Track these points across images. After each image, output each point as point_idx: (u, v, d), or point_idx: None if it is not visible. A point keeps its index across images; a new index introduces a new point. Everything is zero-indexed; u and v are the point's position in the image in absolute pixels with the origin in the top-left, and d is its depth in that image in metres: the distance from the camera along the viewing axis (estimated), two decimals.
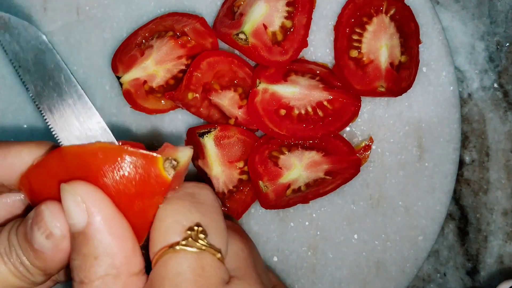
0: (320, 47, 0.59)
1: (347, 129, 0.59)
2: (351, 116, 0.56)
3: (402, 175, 0.59)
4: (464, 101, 0.63)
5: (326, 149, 0.57)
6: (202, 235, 0.35)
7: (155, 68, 0.57)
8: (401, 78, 0.57)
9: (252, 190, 0.57)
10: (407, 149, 0.59)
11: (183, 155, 0.36)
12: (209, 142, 0.56)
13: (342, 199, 0.59)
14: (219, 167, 0.56)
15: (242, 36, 0.55)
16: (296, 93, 0.56)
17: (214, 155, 0.56)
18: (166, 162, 0.35)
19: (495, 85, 0.63)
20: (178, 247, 0.34)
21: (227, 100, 0.56)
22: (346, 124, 0.56)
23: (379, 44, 0.56)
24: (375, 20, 0.57)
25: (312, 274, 0.59)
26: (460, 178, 0.63)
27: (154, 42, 0.57)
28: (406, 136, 0.59)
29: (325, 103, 0.56)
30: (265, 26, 0.56)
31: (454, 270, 0.64)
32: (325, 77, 0.57)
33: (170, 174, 0.35)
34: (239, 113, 0.57)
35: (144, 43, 0.58)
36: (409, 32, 0.57)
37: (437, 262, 0.64)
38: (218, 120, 0.58)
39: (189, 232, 0.35)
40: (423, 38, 0.58)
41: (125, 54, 0.57)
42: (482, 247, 0.63)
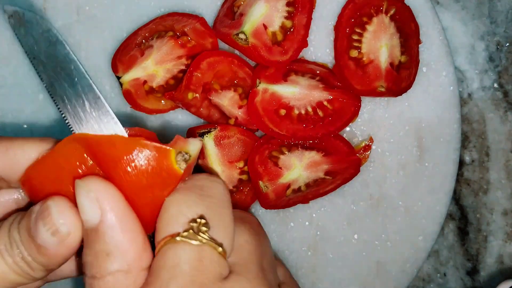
0: (320, 47, 0.59)
1: (347, 129, 0.59)
2: (351, 116, 0.56)
3: (402, 175, 0.59)
4: (464, 101, 0.63)
5: (326, 149, 0.57)
6: (204, 228, 0.34)
7: (155, 68, 0.57)
8: (401, 78, 0.57)
9: (252, 190, 0.57)
10: (407, 149, 0.59)
11: (194, 148, 0.36)
12: (209, 142, 0.56)
13: (342, 199, 0.59)
14: (219, 167, 0.56)
15: (242, 36, 0.55)
16: (296, 93, 0.56)
17: (214, 155, 0.56)
18: (178, 155, 0.35)
19: (495, 85, 0.63)
20: (178, 238, 0.34)
21: (227, 100, 0.56)
22: (346, 124, 0.56)
23: (379, 44, 0.56)
24: (375, 20, 0.57)
25: (312, 274, 0.59)
26: (460, 178, 0.63)
27: (154, 42, 0.57)
28: (406, 136, 0.59)
29: (325, 103, 0.56)
30: (265, 26, 0.56)
31: (454, 270, 0.64)
32: (325, 77, 0.57)
33: (182, 167, 0.35)
34: (239, 113, 0.57)
35: (144, 43, 0.58)
36: (409, 32, 0.57)
37: (437, 262, 0.64)
38: (218, 120, 0.58)
39: (191, 224, 0.34)
40: (423, 38, 0.58)
41: (125, 54, 0.57)
42: (482, 247, 0.63)
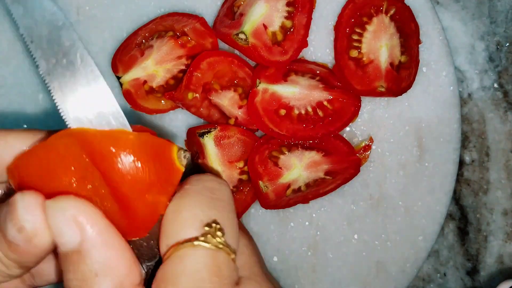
0: (320, 47, 0.59)
1: (347, 129, 0.59)
2: (351, 116, 0.56)
3: (402, 175, 0.59)
4: (464, 101, 0.63)
5: (326, 149, 0.57)
6: (219, 233, 0.34)
7: (155, 68, 0.57)
8: (401, 78, 0.57)
9: (252, 190, 0.57)
10: (407, 149, 0.59)
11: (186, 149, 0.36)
12: (209, 142, 0.56)
13: (342, 199, 0.59)
14: (219, 167, 0.56)
15: (242, 36, 0.55)
16: (296, 93, 0.56)
17: (214, 155, 0.56)
18: (179, 151, 0.34)
19: (495, 85, 0.63)
20: (196, 243, 0.33)
21: (227, 100, 0.56)
22: (346, 124, 0.56)
23: (379, 44, 0.56)
24: (375, 20, 0.57)
25: (312, 274, 0.59)
26: (460, 178, 0.63)
27: (154, 42, 0.57)
28: (406, 136, 0.59)
29: (325, 103, 0.56)
30: (265, 26, 0.56)
31: (454, 270, 0.64)
32: (325, 77, 0.57)
33: (183, 165, 0.34)
34: (239, 113, 0.57)
35: (144, 43, 0.58)
36: (409, 32, 0.57)
37: (437, 262, 0.64)
38: (218, 120, 0.58)
39: (206, 228, 0.33)
40: (423, 38, 0.58)
41: (125, 54, 0.57)
42: (482, 247, 0.63)
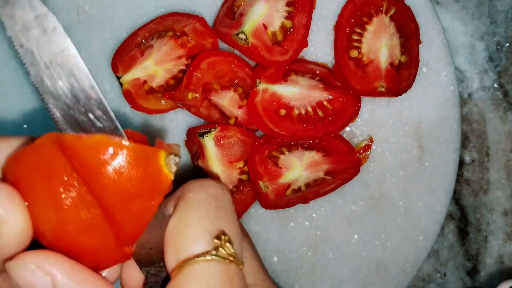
0: (320, 47, 0.59)
1: (347, 129, 0.59)
2: (351, 116, 0.56)
3: (402, 175, 0.59)
4: (464, 101, 0.63)
5: (326, 149, 0.57)
6: (229, 245, 0.33)
7: (155, 68, 0.57)
8: (401, 78, 0.57)
9: (252, 190, 0.57)
10: (407, 149, 0.59)
11: (179, 152, 0.33)
12: (209, 142, 0.56)
13: (342, 199, 0.59)
14: (219, 167, 0.56)
15: (242, 36, 0.55)
16: (296, 93, 0.56)
17: (214, 155, 0.56)
18: (167, 158, 0.32)
19: (495, 85, 0.63)
20: (209, 257, 0.32)
21: (227, 100, 0.56)
22: (346, 124, 0.56)
23: (379, 44, 0.56)
24: (375, 20, 0.57)
25: (312, 274, 0.59)
26: (460, 178, 0.63)
27: (154, 42, 0.57)
28: (406, 136, 0.59)
29: (325, 103, 0.56)
30: (265, 26, 0.56)
31: (454, 270, 0.64)
32: (325, 77, 0.57)
33: (172, 171, 0.32)
34: (239, 113, 0.57)
35: (144, 43, 0.58)
36: (409, 32, 0.57)
37: (437, 262, 0.64)
38: (218, 120, 0.58)
39: (216, 241, 0.33)
40: (423, 38, 0.58)
41: (125, 54, 0.57)
42: (482, 247, 0.63)
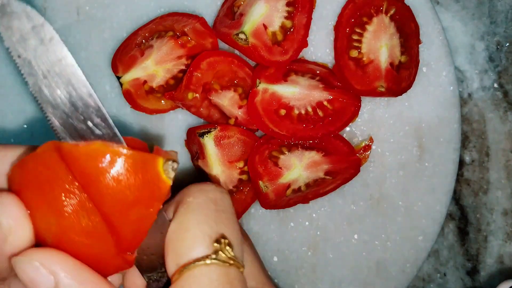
0: (320, 47, 0.59)
1: (347, 129, 0.59)
2: (351, 116, 0.56)
3: (402, 175, 0.59)
4: (464, 101, 0.63)
5: (326, 149, 0.57)
6: (229, 248, 0.34)
7: (155, 68, 0.57)
8: (401, 78, 0.57)
9: (252, 190, 0.57)
10: (407, 149, 0.59)
11: (177, 158, 0.33)
12: (209, 142, 0.56)
13: (342, 199, 0.59)
14: (219, 167, 0.56)
15: (242, 36, 0.55)
16: (296, 93, 0.56)
17: (214, 155, 0.56)
18: (165, 164, 0.32)
19: (495, 85, 0.63)
20: (209, 261, 0.33)
21: (227, 100, 0.56)
22: (346, 124, 0.56)
23: (379, 44, 0.56)
24: (375, 20, 0.57)
25: (312, 274, 0.59)
26: (460, 178, 0.63)
27: (154, 42, 0.57)
28: (406, 136, 0.59)
29: (325, 103, 0.56)
30: (265, 26, 0.56)
31: (454, 270, 0.64)
32: (325, 77, 0.57)
33: (170, 177, 0.32)
34: (239, 113, 0.57)
35: (144, 43, 0.58)
36: (409, 32, 0.57)
37: (437, 262, 0.64)
38: (218, 120, 0.58)
39: (216, 244, 0.33)
40: (423, 38, 0.58)
41: (125, 54, 0.57)
42: (482, 247, 0.63)
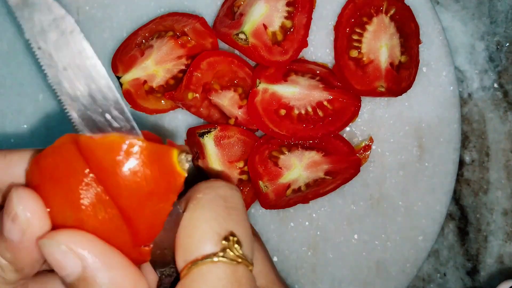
0: (320, 47, 0.59)
1: (347, 129, 0.59)
2: (351, 116, 0.56)
3: (402, 175, 0.59)
4: (464, 101, 0.63)
5: (326, 149, 0.57)
6: (237, 246, 0.33)
7: (155, 68, 0.57)
8: (401, 78, 0.57)
9: (252, 190, 0.57)
10: (407, 149, 0.59)
11: (189, 150, 0.34)
12: (209, 142, 0.56)
13: (342, 199, 0.59)
14: (219, 167, 0.56)
15: (242, 36, 0.55)
16: (296, 93, 0.56)
17: (214, 155, 0.56)
18: (180, 155, 0.32)
19: (495, 85, 0.63)
20: (216, 259, 0.33)
21: (227, 100, 0.56)
22: (346, 124, 0.56)
23: (379, 44, 0.56)
24: (375, 20, 0.57)
25: (312, 274, 0.59)
26: (460, 178, 0.63)
27: (154, 42, 0.57)
28: (406, 136, 0.59)
29: (325, 103, 0.56)
30: (265, 26, 0.56)
31: (454, 270, 0.64)
32: (325, 77, 0.57)
33: (185, 169, 0.33)
34: (239, 113, 0.57)
35: (144, 43, 0.58)
36: (409, 32, 0.57)
37: (437, 262, 0.64)
38: (218, 120, 0.58)
39: (224, 242, 0.33)
40: (423, 38, 0.58)
41: (125, 54, 0.57)
42: (482, 247, 0.63)
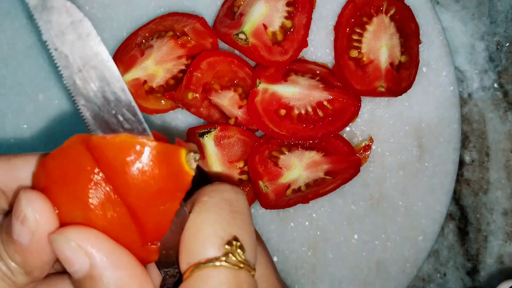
0: (320, 47, 0.59)
1: (347, 129, 0.59)
2: (351, 116, 0.56)
3: (402, 175, 0.59)
4: (464, 101, 0.63)
5: (326, 149, 0.57)
6: (240, 251, 0.33)
7: (155, 68, 0.57)
8: (401, 78, 0.57)
9: (252, 190, 0.57)
10: (407, 149, 0.59)
11: (197, 150, 0.34)
12: (209, 142, 0.56)
13: (342, 199, 0.59)
14: (219, 167, 0.56)
15: (242, 36, 0.55)
16: (296, 93, 0.56)
17: (214, 155, 0.56)
18: (188, 155, 0.32)
19: (495, 85, 0.63)
20: (218, 263, 0.33)
21: (227, 100, 0.56)
22: (346, 124, 0.56)
23: (379, 44, 0.56)
24: (375, 20, 0.57)
25: (312, 274, 0.59)
26: (460, 178, 0.63)
27: (154, 42, 0.57)
28: (406, 136, 0.59)
29: (325, 103, 0.56)
30: (265, 26, 0.56)
31: (454, 270, 0.64)
32: (325, 77, 0.57)
33: (193, 168, 0.33)
34: (239, 113, 0.57)
35: (144, 43, 0.58)
36: (409, 32, 0.57)
37: (437, 262, 0.64)
38: (218, 120, 0.58)
39: (227, 246, 0.33)
40: (423, 38, 0.58)
41: (125, 54, 0.57)
42: (482, 247, 0.63)
